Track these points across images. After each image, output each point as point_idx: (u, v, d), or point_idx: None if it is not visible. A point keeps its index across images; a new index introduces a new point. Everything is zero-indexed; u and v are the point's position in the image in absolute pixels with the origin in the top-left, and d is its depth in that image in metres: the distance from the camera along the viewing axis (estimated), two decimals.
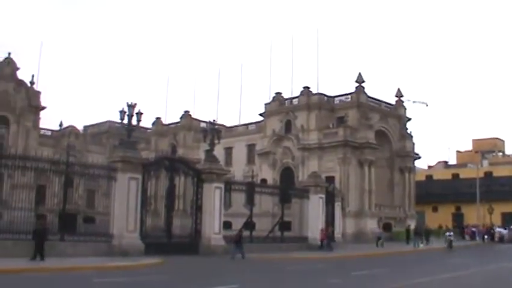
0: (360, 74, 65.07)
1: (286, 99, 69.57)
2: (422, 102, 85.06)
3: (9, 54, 66.00)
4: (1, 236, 25.68)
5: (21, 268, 21.62)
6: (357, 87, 64.93)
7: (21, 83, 66.04)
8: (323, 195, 43.56)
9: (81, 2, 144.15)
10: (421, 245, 48.46)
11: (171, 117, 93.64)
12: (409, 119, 71.36)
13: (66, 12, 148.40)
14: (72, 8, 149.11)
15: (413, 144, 70.01)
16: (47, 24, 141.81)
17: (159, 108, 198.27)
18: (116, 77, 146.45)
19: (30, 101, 65.81)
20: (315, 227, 41.79)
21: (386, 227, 62.27)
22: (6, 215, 27.04)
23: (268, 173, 66.48)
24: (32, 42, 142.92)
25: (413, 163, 70.62)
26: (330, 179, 56.15)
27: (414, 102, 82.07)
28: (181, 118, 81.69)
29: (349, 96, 66.13)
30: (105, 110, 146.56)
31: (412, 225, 57.16)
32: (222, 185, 35.57)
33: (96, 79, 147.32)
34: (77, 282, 19.04)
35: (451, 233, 48.80)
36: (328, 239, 40.88)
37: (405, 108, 71.50)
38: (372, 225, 59.47)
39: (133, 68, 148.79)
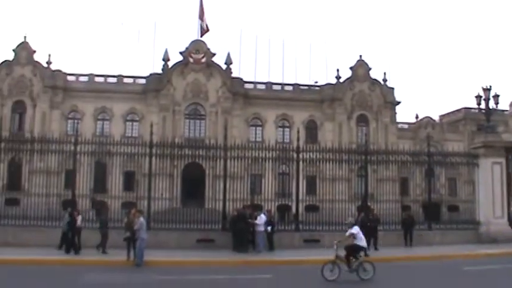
0: None
1: None
2: None
3: (361, 56, 69.57)
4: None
5: (394, 257, 22.90)
6: None
7: (374, 81, 68.96)
8: None
9: None
10: None
11: None
12: None
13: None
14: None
15: None
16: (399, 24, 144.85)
17: None
18: (466, 61, 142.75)
19: (385, 98, 68.30)
20: None
21: None
22: (375, 208, 28.70)
23: None
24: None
25: None
26: None
27: None
28: None
29: None
30: (459, 97, 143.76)
31: None
32: None
33: (446, 67, 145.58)
34: (448, 270, 19.35)
35: None
36: None
37: None
38: None
39: (482, 49, 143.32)
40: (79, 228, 22.62)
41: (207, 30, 65.99)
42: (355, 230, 17.04)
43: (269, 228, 24.69)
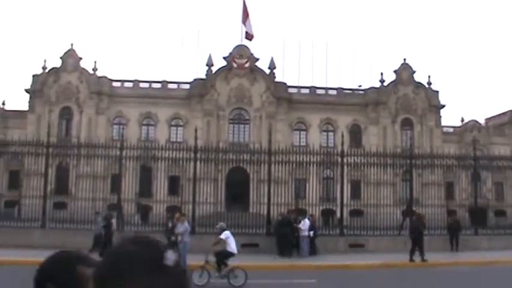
0: None
1: None
2: None
3: (405, 60, 69.02)
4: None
5: (440, 262, 22.61)
6: None
7: (419, 85, 68.25)
8: None
9: None
10: None
11: None
12: None
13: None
14: None
15: None
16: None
17: None
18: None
19: (429, 101, 67.48)
20: None
21: None
22: (424, 212, 28.30)
23: None
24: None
25: None
26: None
27: None
28: None
29: None
30: (505, 100, 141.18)
31: None
32: None
33: (491, 69, 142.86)
34: (494, 277, 19.01)
35: None
36: None
37: None
38: None
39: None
40: (112, 232, 22.93)
41: (252, 34, 66.06)
42: (224, 235, 16.98)
43: (311, 232, 24.69)
